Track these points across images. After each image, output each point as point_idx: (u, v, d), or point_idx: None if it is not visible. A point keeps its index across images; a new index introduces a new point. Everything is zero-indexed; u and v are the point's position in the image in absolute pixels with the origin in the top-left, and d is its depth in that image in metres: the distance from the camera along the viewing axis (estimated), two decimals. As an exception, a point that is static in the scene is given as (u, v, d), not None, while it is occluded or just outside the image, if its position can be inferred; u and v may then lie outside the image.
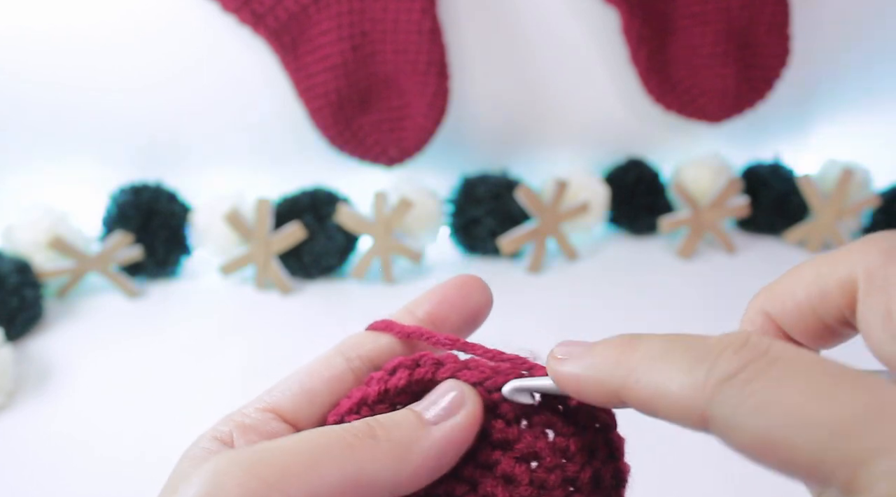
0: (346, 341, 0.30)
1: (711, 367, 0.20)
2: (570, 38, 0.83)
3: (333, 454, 0.24)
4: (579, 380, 0.24)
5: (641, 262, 0.85)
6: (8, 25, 0.74)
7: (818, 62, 0.88)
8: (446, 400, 0.27)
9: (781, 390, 0.19)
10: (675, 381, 0.21)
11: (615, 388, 0.23)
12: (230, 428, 0.27)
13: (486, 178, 0.83)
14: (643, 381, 0.22)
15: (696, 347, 0.21)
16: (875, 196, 0.86)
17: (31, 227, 0.74)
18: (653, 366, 0.22)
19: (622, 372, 0.23)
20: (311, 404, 0.28)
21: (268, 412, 0.28)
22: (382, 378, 0.28)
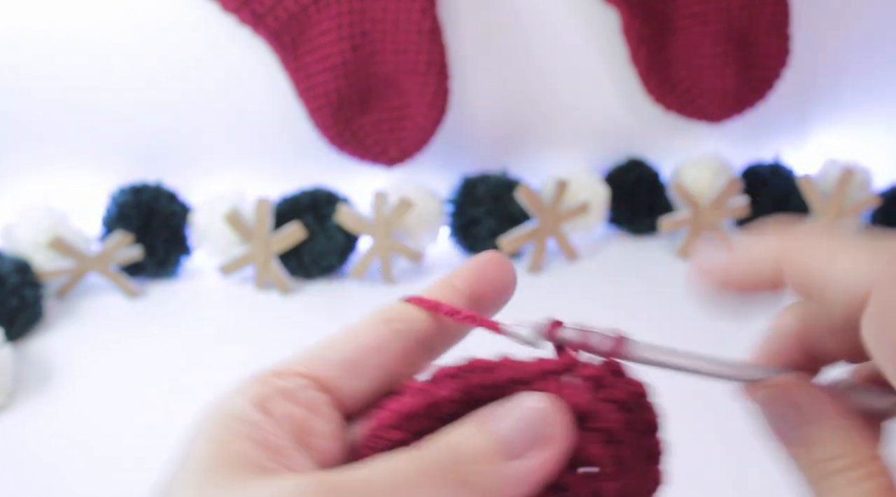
0: (387, 310, 0.27)
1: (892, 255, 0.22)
2: (570, 38, 0.83)
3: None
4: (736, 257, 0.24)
5: (641, 262, 0.85)
6: (8, 25, 0.74)
7: (818, 62, 0.88)
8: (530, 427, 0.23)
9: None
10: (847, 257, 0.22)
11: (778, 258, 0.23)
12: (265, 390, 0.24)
13: (486, 178, 0.83)
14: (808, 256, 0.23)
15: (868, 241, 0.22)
16: (875, 196, 0.86)
17: (31, 227, 0.74)
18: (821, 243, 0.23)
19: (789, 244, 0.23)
20: (357, 376, 0.26)
21: (306, 378, 0.25)
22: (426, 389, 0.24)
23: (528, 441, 0.23)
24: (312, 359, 0.26)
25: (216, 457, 0.22)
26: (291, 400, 0.24)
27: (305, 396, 0.25)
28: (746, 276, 0.24)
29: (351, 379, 0.25)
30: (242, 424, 0.23)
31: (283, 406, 0.24)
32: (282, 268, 0.78)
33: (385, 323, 0.27)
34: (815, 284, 0.23)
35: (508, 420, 0.23)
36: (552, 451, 0.23)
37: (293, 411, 0.24)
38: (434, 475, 0.21)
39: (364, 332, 0.26)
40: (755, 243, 0.24)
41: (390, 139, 0.79)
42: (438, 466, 0.22)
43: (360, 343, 0.26)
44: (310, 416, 0.24)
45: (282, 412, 0.24)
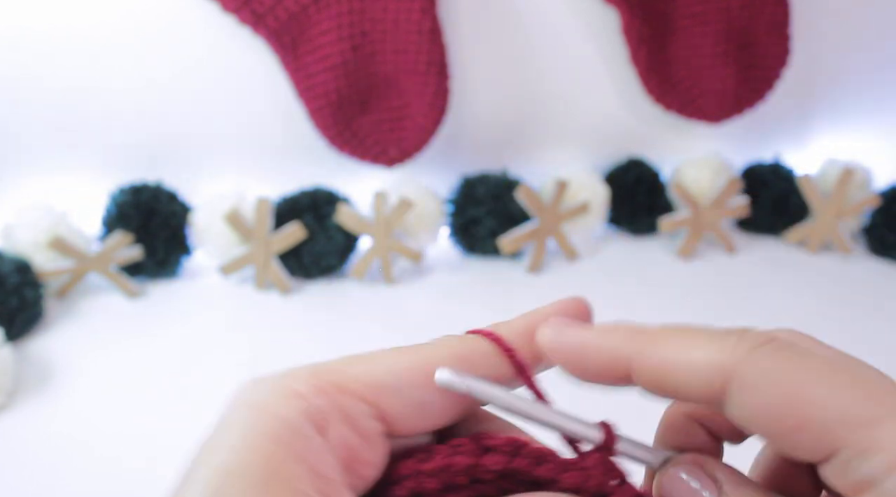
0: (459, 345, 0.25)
1: (740, 338, 0.21)
2: (570, 38, 0.83)
3: None
4: (585, 346, 0.23)
5: (641, 262, 0.85)
6: (8, 25, 0.74)
7: (818, 62, 0.88)
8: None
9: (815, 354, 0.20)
10: (700, 348, 0.21)
11: (628, 356, 0.22)
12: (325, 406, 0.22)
13: (486, 178, 0.83)
14: (662, 349, 0.22)
15: (716, 330, 0.22)
16: (875, 196, 0.86)
17: (31, 227, 0.74)
18: (672, 336, 0.22)
19: (638, 341, 0.22)
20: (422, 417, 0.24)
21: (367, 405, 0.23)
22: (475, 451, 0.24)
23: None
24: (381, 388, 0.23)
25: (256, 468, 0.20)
26: (350, 426, 0.22)
27: (364, 425, 0.23)
28: (595, 369, 0.23)
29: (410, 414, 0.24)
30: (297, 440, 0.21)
31: (341, 431, 0.22)
32: (282, 268, 0.78)
33: (460, 361, 0.24)
34: (670, 383, 0.22)
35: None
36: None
37: (349, 438, 0.22)
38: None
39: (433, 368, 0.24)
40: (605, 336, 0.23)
41: (390, 139, 0.79)
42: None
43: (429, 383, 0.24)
44: (364, 446, 0.23)
45: (338, 437, 0.22)
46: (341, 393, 0.22)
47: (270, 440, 0.20)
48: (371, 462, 0.23)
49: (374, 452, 0.23)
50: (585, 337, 0.23)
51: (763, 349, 0.21)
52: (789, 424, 0.20)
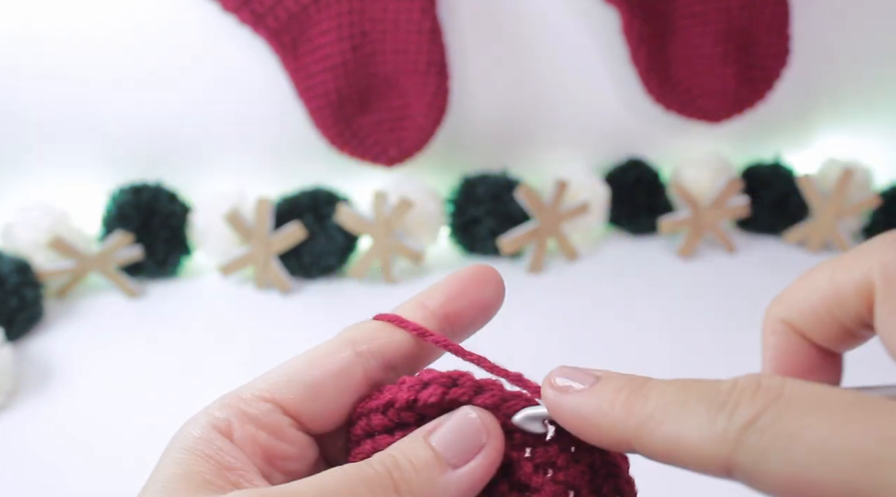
0: (354, 331, 0.28)
1: (731, 416, 0.20)
2: (570, 38, 0.83)
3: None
4: (585, 420, 0.23)
5: (641, 262, 0.85)
6: (8, 25, 0.74)
7: (818, 62, 0.88)
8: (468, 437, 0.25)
9: (803, 429, 0.19)
10: (694, 431, 0.21)
11: (627, 437, 0.22)
12: (228, 415, 0.26)
13: (486, 178, 0.83)
14: (660, 432, 0.21)
15: (711, 394, 0.21)
16: (875, 196, 0.86)
17: (31, 227, 0.74)
18: (668, 415, 0.21)
19: (635, 422, 0.22)
20: (316, 399, 0.27)
21: (269, 402, 0.26)
22: (415, 386, 0.26)
23: (464, 451, 0.25)
24: (277, 384, 0.27)
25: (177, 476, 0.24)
26: (255, 424, 0.26)
27: (269, 421, 0.26)
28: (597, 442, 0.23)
29: (313, 403, 0.27)
30: (204, 445, 0.25)
31: (246, 429, 0.26)
32: (282, 268, 0.78)
33: (349, 345, 0.27)
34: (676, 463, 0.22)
35: (446, 431, 0.25)
36: (486, 458, 0.25)
37: (258, 436, 0.26)
38: (371, 482, 0.23)
39: (327, 355, 0.27)
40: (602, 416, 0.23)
41: (390, 139, 0.79)
42: (376, 475, 0.23)
43: (323, 368, 0.27)
44: (274, 440, 0.26)
45: (244, 435, 0.25)
46: (241, 401, 0.26)
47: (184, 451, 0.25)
48: (290, 455, 0.26)
49: (294, 447, 0.26)
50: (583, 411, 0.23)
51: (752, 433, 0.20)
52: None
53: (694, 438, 0.21)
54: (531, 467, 0.25)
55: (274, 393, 0.26)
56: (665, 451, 0.21)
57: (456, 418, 0.25)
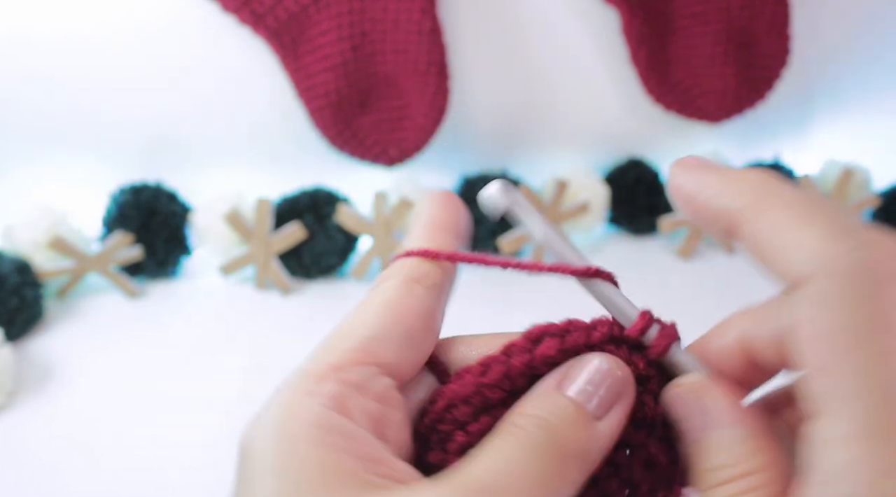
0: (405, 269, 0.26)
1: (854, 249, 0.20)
2: (570, 38, 0.83)
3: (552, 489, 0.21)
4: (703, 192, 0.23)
5: (641, 262, 0.85)
6: (8, 25, 0.74)
7: (818, 62, 0.88)
8: (604, 386, 0.23)
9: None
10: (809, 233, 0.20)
11: (734, 215, 0.22)
12: (335, 389, 0.22)
13: (486, 178, 0.83)
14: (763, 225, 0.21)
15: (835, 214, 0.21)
16: (875, 196, 0.86)
17: (31, 227, 0.74)
18: (781, 211, 0.21)
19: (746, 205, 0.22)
20: (412, 350, 0.24)
21: (369, 366, 0.23)
22: (526, 347, 0.25)
23: (607, 400, 0.23)
24: (368, 340, 0.23)
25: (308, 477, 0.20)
26: (365, 394, 0.22)
27: (376, 387, 0.23)
28: (706, 219, 0.23)
29: (407, 353, 0.24)
30: (324, 432, 0.21)
31: (360, 403, 0.22)
32: (282, 268, 0.78)
33: (416, 282, 0.25)
34: (759, 258, 0.22)
35: (582, 383, 0.24)
36: (625, 406, 0.24)
37: (370, 407, 0.22)
38: (540, 451, 0.21)
39: (403, 299, 0.25)
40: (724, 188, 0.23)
41: (390, 139, 0.79)
42: (539, 442, 0.22)
43: (406, 312, 0.24)
44: (385, 409, 0.23)
45: (361, 411, 0.22)
46: (340, 369, 0.22)
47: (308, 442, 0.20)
48: (395, 423, 0.23)
49: (397, 412, 0.23)
50: (705, 184, 0.23)
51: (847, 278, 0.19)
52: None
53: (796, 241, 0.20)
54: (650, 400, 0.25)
55: (371, 352, 0.23)
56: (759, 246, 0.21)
57: (588, 367, 0.24)
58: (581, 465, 0.22)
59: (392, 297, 0.25)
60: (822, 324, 0.19)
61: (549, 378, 0.24)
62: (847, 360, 0.19)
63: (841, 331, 0.19)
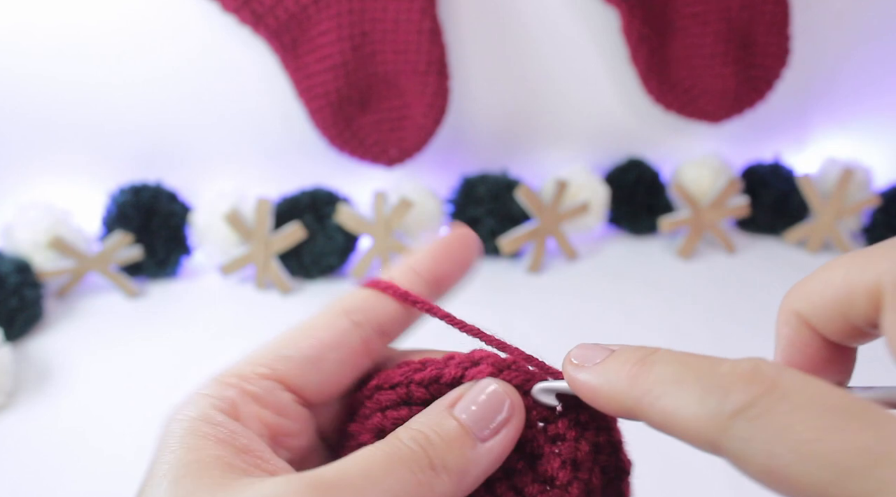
0: (347, 301, 0.28)
1: (722, 400, 0.21)
2: (570, 38, 0.83)
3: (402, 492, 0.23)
4: (595, 391, 0.24)
5: (641, 262, 0.85)
6: (8, 25, 0.74)
7: (818, 62, 0.88)
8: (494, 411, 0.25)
9: (788, 426, 0.20)
10: (688, 408, 0.21)
11: (630, 406, 0.23)
12: (230, 395, 0.25)
13: (486, 178, 0.83)
14: (657, 405, 0.22)
15: (708, 376, 0.22)
16: (875, 196, 0.86)
17: (31, 227, 0.74)
18: (667, 390, 0.22)
19: (637, 392, 0.23)
20: (319, 372, 0.26)
21: (270, 379, 0.26)
22: (463, 364, 0.26)
23: (491, 424, 0.25)
24: (274, 358, 0.26)
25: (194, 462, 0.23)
26: (260, 403, 0.25)
27: (273, 399, 0.25)
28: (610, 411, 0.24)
29: (313, 376, 0.26)
30: (214, 428, 0.24)
31: (253, 410, 0.25)
32: (282, 268, 0.78)
33: (344, 315, 0.27)
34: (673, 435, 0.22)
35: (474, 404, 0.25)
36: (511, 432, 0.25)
37: (263, 415, 0.25)
38: (408, 461, 0.23)
39: (324, 327, 0.27)
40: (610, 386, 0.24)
41: (390, 139, 0.79)
42: (412, 453, 0.23)
43: (321, 339, 0.27)
44: (279, 418, 0.25)
45: (251, 416, 0.25)
46: (244, 380, 0.25)
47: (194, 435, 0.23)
48: (294, 432, 0.26)
49: (297, 423, 0.26)
50: (595, 383, 0.24)
51: (741, 420, 0.20)
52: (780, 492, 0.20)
53: (688, 416, 0.21)
54: (543, 439, 0.26)
55: (274, 369, 0.26)
56: (661, 424, 0.22)
57: (481, 391, 0.25)
58: (456, 483, 0.23)
59: (315, 324, 0.27)
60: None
61: (447, 396, 0.26)
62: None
63: None
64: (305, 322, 0.27)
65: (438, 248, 0.30)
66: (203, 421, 0.24)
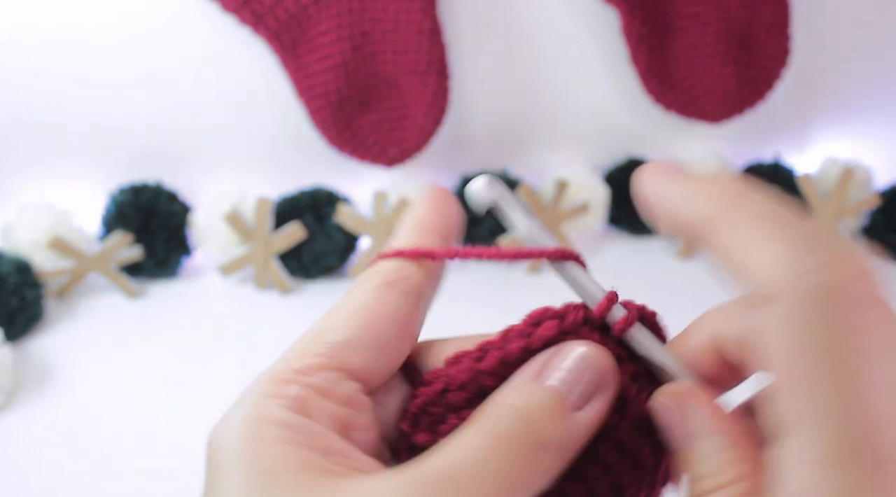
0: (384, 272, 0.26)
1: (820, 269, 0.19)
2: (570, 38, 0.83)
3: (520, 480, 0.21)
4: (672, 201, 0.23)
5: (641, 262, 0.85)
6: (8, 25, 0.74)
7: (818, 62, 0.88)
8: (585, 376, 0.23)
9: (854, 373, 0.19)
10: (765, 252, 0.20)
11: (702, 226, 0.22)
12: (296, 391, 0.22)
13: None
14: (730, 237, 0.21)
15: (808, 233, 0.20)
16: (875, 196, 0.85)
17: (31, 227, 0.74)
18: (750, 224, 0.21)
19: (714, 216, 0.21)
20: (382, 356, 0.24)
21: (335, 370, 0.23)
22: (524, 332, 0.24)
23: (586, 390, 0.23)
24: (334, 345, 0.24)
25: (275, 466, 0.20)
26: (328, 397, 0.23)
27: (340, 391, 0.23)
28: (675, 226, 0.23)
29: (377, 359, 0.24)
30: (287, 430, 0.21)
31: (322, 405, 0.23)
32: (282, 268, 0.78)
33: (390, 287, 0.25)
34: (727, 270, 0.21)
35: (562, 371, 0.23)
36: (606, 397, 0.23)
37: (333, 409, 0.23)
38: (516, 441, 0.21)
39: (374, 304, 0.25)
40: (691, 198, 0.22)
41: (390, 139, 0.79)
42: (515, 431, 0.21)
43: (378, 317, 0.24)
44: (349, 411, 0.23)
45: (323, 413, 0.22)
46: (304, 374, 0.23)
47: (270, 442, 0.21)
48: (362, 425, 0.24)
49: (363, 415, 0.24)
50: (671, 192, 0.23)
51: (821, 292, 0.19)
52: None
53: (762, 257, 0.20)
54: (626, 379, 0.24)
55: (336, 357, 0.24)
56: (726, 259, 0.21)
57: (566, 356, 0.24)
58: (557, 456, 0.22)
59: (363, 302, 0.25)
60: (787, 345, 0.19)
61: (529, 366, 0.24)
62: (812, 383, 0.19)
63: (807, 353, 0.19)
64: (346, 302, 0.25)
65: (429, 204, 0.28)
66: (273, 423, 0.21)
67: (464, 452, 0.21)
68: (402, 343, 0.25)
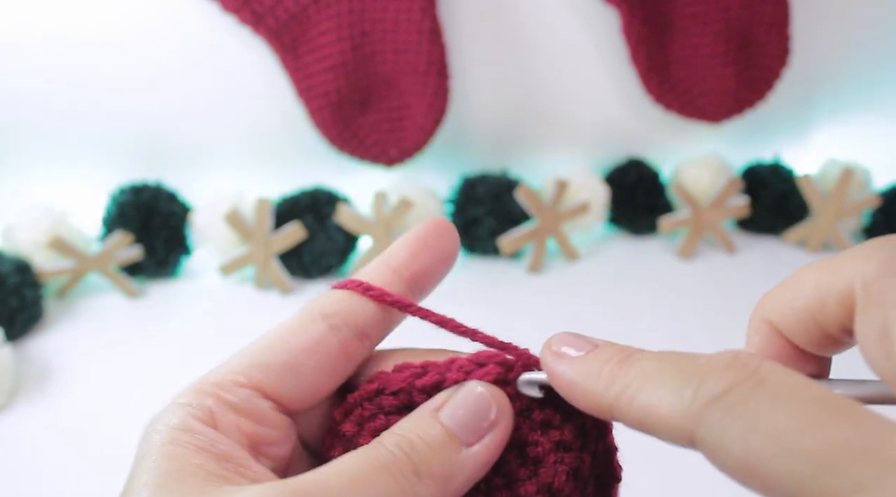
0: (322, 303, 0.27)
1: (698, 388, 0.20)
2: (570, 38, 0.83)
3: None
4: (573, 387, 0.24)
5: (641, 262, 0.85)
6: (8, 25, 0.74)
7: (818, 62, 0.88)
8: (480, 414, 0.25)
9: (766, 416, 0.19)
10: (664, 402, 0.21)
11: (608, 403, 0.23)
12: (208, 404, 0.25)
13: (486, 178, 0.83)
14: (635, 402, 0.22)
15: (686, 367, 0.21)
16: (875, 196, 0.86)
17: (31, 227, 0.74)
18: (644, 386, 0.22)
19: (616, 390, 0.22)
20: (296, 379, 0.26)
21: (247, 387, 0.25)
22: (466, 368, 0.26)
23: (477, 428, 0.24)
24: (252, 367, 0.26)
25: (174, 470, 0.22)
26: (238, 412, 0.25)
27: (250, 407, 0.25)
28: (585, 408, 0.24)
29: (291, 382, 0.26)
30: (193, 437, 0.23)
31: (231, 419, 0.25)
32: (282, 268, 0.78)
33: (321, 319, 0.27)
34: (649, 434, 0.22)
35: (458, 408, 0.25)
36: (500, 434, 0.25)
37: (241, 423, 0.25)
38: (392, 467, 0.23)
39: (299, 332, 0.26)
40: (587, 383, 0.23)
41: (390, 139, 0.79)
42: (395, 458, 0.23)
43: (296, 345, 0.26)
44: (258, 427, 0.25)
45: (230, 425, 0.25)
46: (220, 389, 0.25)
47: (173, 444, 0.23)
48: (275, 440, 0.26)
49: (277, 431, 0.26)
50: (574, 378, 0.24)
51: (716, 409, 0.20)
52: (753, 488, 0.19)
53: (663, 410, 0.21)
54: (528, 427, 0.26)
55: (251, 377, 0.26)
56: (638, 421, 0.22)
57: (466, 395, 0.25)
58: (441, 489, 0.23)
59: (290, 329, 0.26)
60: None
61: (434, 399, 0.25)
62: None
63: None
64: (281, 327, 0.27)
65: (414, 242, 0.28)
66: (182, 430, 0.24)
67: (338, 471, 0.22)
68: (324, 374, 0.26)
